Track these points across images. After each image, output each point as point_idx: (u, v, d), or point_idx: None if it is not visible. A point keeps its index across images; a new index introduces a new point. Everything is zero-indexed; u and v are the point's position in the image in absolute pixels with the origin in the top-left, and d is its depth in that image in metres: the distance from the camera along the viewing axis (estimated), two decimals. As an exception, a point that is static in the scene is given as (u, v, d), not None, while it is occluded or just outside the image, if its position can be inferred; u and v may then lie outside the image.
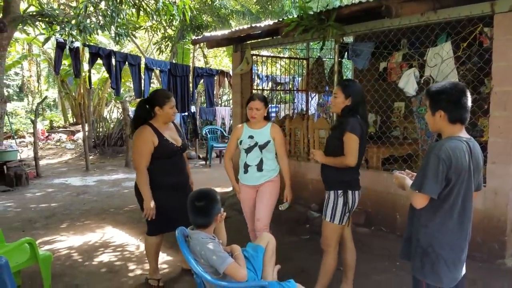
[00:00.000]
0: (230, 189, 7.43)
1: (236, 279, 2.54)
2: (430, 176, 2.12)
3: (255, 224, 3.95)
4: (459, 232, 2.24)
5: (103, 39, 15.97)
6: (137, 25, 12.20)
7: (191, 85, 10.38)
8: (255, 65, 8.23)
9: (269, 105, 4.25)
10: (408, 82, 5.02)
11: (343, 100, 3.31)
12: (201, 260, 2.57)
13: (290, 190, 3.98)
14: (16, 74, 24.58)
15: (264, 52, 8.95)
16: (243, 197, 4.08)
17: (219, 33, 7.17)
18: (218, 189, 7.83)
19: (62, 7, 12.19)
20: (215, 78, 11.14)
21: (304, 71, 8.71)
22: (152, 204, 3.69)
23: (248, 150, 3.92)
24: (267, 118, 4.01)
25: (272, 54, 11.53)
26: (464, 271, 2.34)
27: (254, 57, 7.21)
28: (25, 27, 9.77)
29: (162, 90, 4.12)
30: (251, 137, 3.90)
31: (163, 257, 4.68)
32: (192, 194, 2.74)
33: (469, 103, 2.24)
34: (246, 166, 3.96)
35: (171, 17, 9.08)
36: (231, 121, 11.56)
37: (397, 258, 4.15)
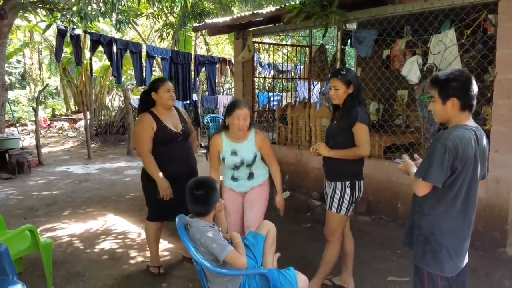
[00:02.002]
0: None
1: (236, 267, 2.54)
2: (436, 165, 2.10)
3: (245, 231, 3.51)
4: (462, 221, 2.22)
5: (105, 27, 15.88)
6: (138, 12, 12.13)
7: (192, 73, 10.35)
8: (258, 53, 8.18)
9: (271, 93, 4.11)
10: (411, 70, 4.97)
11: (345, 90, 3.24)
12: (201, 248, 2.57)
13: (282, 197, 3.63)
14: (18, 61, 24.53)
15: (266, 40, 8.88)
16: (228, 201, 3.58)
17: (220, 20, 7.11)
18: (220, 177, 7.84)
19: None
20: (217, 66, 11.08)
21: (306, 59, 8.65)
22: (166, 184, 3.63)
23: (235, 168, 3.51)
24: (249, 126, 3.45)
25: (274, 42, 11.45)
26: (466, 260, 2.33)
27: (256, 44, 7.15)
28: (26, 14, 9.71)
29: (158, 77, 4.11)
30: (234, 153, 3.43)
31: (164, 244, 4.70)
32: (190, 183, 2.73)
33: (476, 90, 2.22)
34: (235, 179, 3.58)
35: (172, 4, 9.01)
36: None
37: (398, 246, 4.18)
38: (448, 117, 2.24)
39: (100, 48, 8.98)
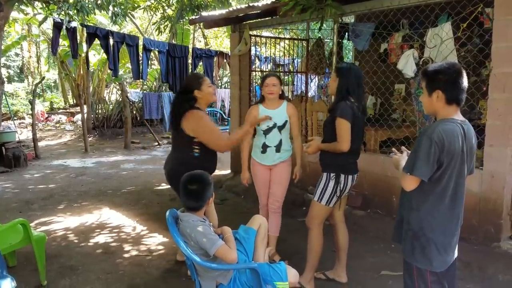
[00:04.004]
0: (228, 171, 7.42)
1: (226, 262, 2.52)
2: (422, 159, 2.09)
3: (273, 204, 4.03)
4: (451, 216, 2.21)
5: (103, 20, 15.78)
6: (135, 5, 12.03)
7: (190, 66, 10.29)
8: (256, 46, 8.13)
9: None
10: (407, 64, 4.95)
11: (335, 79, 3.31)
12: (191, 242, 2.56)
13: (300, 168, 4.06)
14: (17, 55, 24.43)
15: (264, 33, 8.83)
16: (258, 174, 4.04)
17: (216, 12, 7.06)
18: (216, 171, 7.82)
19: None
20: (214, 59, 11.03)
21: (304, 53, 8.60)
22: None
23: (267, 132, 3.88)
24: (281, 97, 3.97)
25: (272, 35, 11.37)
26: (456, 254, 2.32)
27: (253, 38, 7.10)
28: (22, 7, 9.63)
29: (192, 74, 3.98)
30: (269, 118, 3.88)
31: (159, 238, 4.70)
32: (185, 177, 2.70)
33: (466, 84, 2.19)
34: (265, 147, 3.91)
35: (169, -4, 8.94)
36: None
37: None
38: (434, 109, 2.23)
39: (98, 41, 8.93)
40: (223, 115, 12.96)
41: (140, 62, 9.27)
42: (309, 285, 3.45)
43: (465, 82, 2.17)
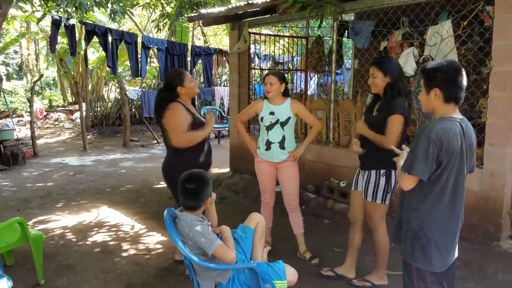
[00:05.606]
0: (227, 170, 7.40)
1: (225, 261, 2.50)
2: (420, 158, 2.07)
3: (289, 203, 4.07)
4: (451, 216, 2.19)
5: (102, 17, 15.73)
6: (134, 2, 11.99)
7: (189, 64, 10.25)
8: (255, 44, 8.10)
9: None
10: (407, 62, 4.92)
11: (383, 78, 3.21)
12: (189, 242, 2.54)
13: (302, 151, 4.00)
14: (16, 52, 24.35)
15: (263, 31, 8.79)
16: (262, 172, 4.08)
17: (215, 10, 7.02)
18: (215, 170, 7.81)
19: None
20: (213, 57, 10.99)
21: (303, 50, 8.57)
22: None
23: (270, 128, 3.93)
24: (285, 94, 3.96)
25: (271, 33, 11.35)
26: (456, 254, 2.30)
27: (252, 35, 7.07)
28: (21, 4, 9.58)
29: (173, 71, 3.96)
30: (272, 113, 3.91)
31: (157, 237, 4.68)
32: (183, 176, 2.68)
33: (465, 82, 2.17)
34: (269, 143, 3.94)
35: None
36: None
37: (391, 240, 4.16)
38: (432, 107, 2.21)
39: (96, 39, 8.89)
40: (222, 113, 12.92)
41: (139, 59, 9.23)
42: (383, 281, 3.50)
43: (464, 80, 2.15)
